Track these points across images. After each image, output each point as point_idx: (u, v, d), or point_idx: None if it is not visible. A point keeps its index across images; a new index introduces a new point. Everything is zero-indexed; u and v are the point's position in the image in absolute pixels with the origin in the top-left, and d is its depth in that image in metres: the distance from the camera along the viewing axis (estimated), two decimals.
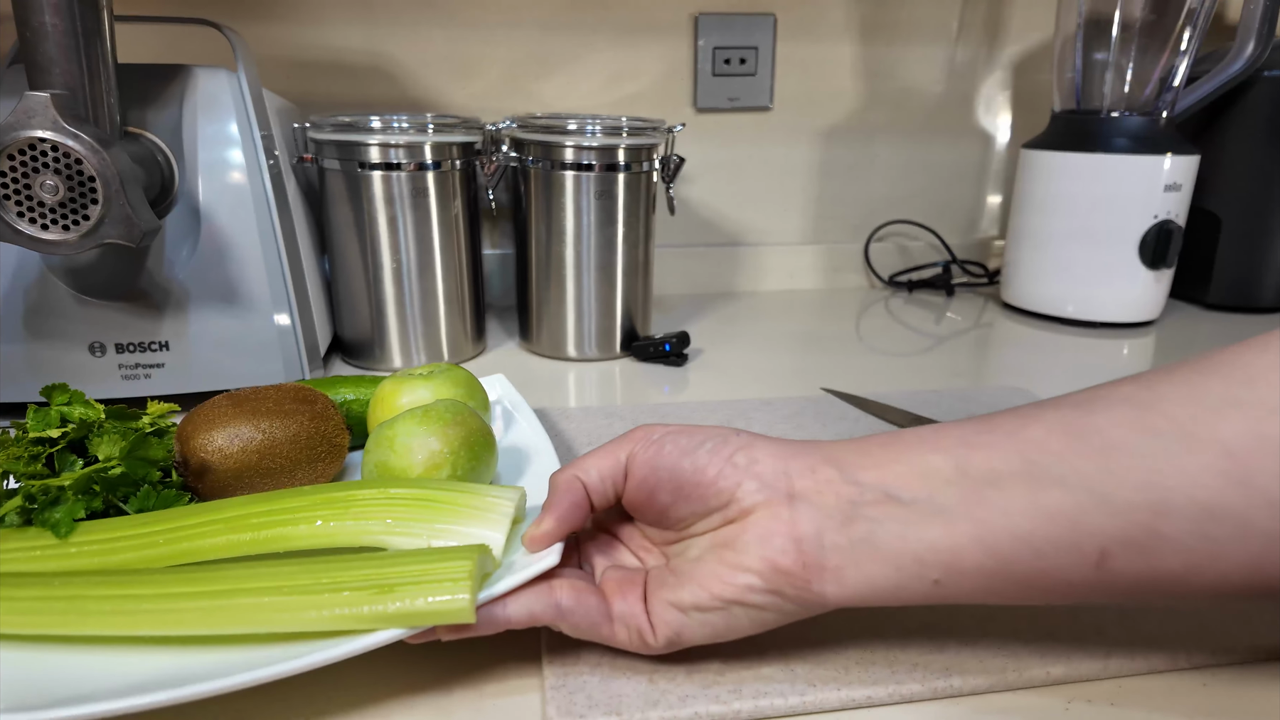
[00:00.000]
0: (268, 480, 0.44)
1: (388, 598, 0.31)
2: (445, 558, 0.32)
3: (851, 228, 1.13)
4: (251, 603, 0.31)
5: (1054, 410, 0.31)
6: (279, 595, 0.31)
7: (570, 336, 0.80)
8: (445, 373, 0.49)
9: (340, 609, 0.31)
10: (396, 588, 0.31)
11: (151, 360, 0.60)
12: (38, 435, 0.41)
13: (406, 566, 0.32)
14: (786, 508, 0.32)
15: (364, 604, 0.31)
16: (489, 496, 0.37)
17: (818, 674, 0.35)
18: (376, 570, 0.32)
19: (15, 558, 0.37)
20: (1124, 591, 0.30)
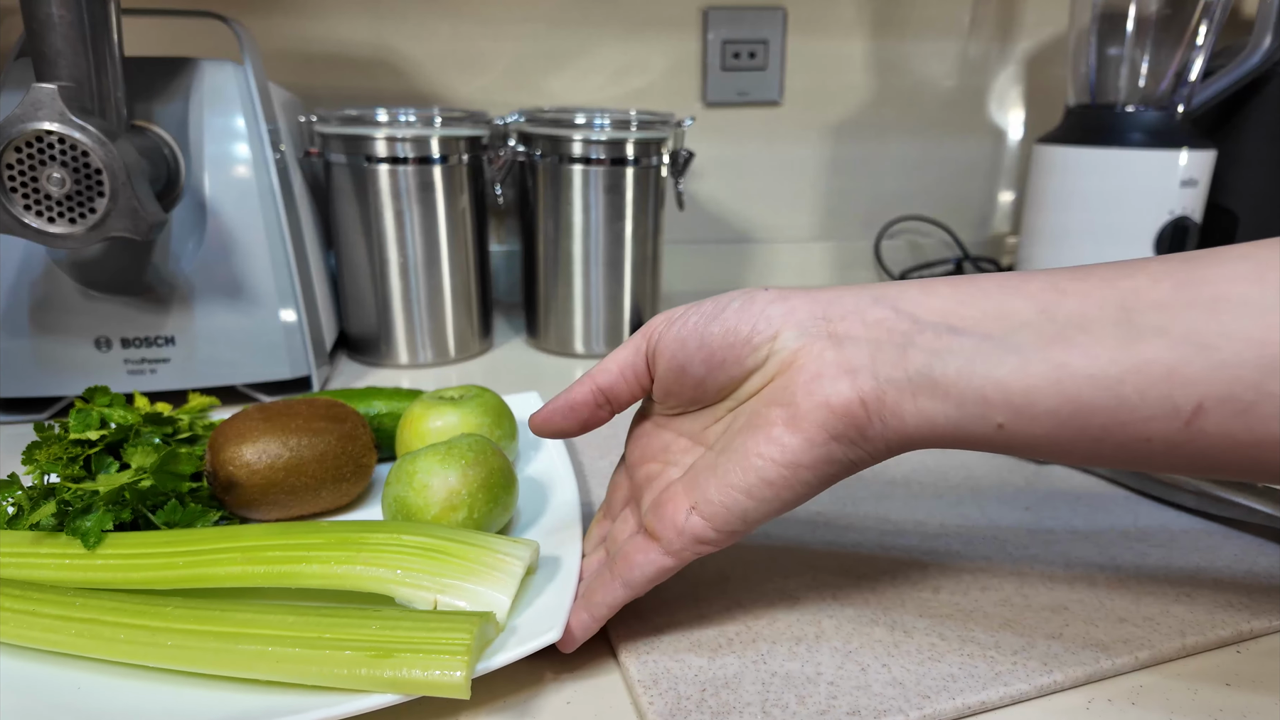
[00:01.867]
0: (292, 498, 0.44)
1: (385, 663, 0.30)
2: (447, 627, 0.32)
3: (862, 224, 1.12)
4: (257, 650, 0.31)
5: (1159, 262, 0.28)
6: (284, 646, 0.31)
7: (578, 333, 0.80)
8: (476, 398, 0.49)
9: (339, 668, 0.31)
10: (395, 653, 0.31)
11: (157, 355, 0.60)
12: (78, 436, 0.41)
13: (408, 631, 0.31)
14: (832, 347, 0.29)
15: (361, 666, 0.30)
16: (500, 553, 0.36)
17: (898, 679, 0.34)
18: (379, 631, 0.32)
19: (45, 564, 0.37)
20: (1206, 457, 0.27)
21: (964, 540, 0.46)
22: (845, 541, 0.45)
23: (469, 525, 0.41)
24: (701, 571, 0.42)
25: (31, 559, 0.38)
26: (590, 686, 0.35)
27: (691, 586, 0.41)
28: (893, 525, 0.47)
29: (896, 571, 0.42)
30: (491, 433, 0.49)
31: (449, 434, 0.48)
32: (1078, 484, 0.52)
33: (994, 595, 0.40)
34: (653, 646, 0.36)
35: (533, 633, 0.34)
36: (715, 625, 0.38)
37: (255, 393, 0.64)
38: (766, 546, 0.44)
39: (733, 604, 0.39)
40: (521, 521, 0.45)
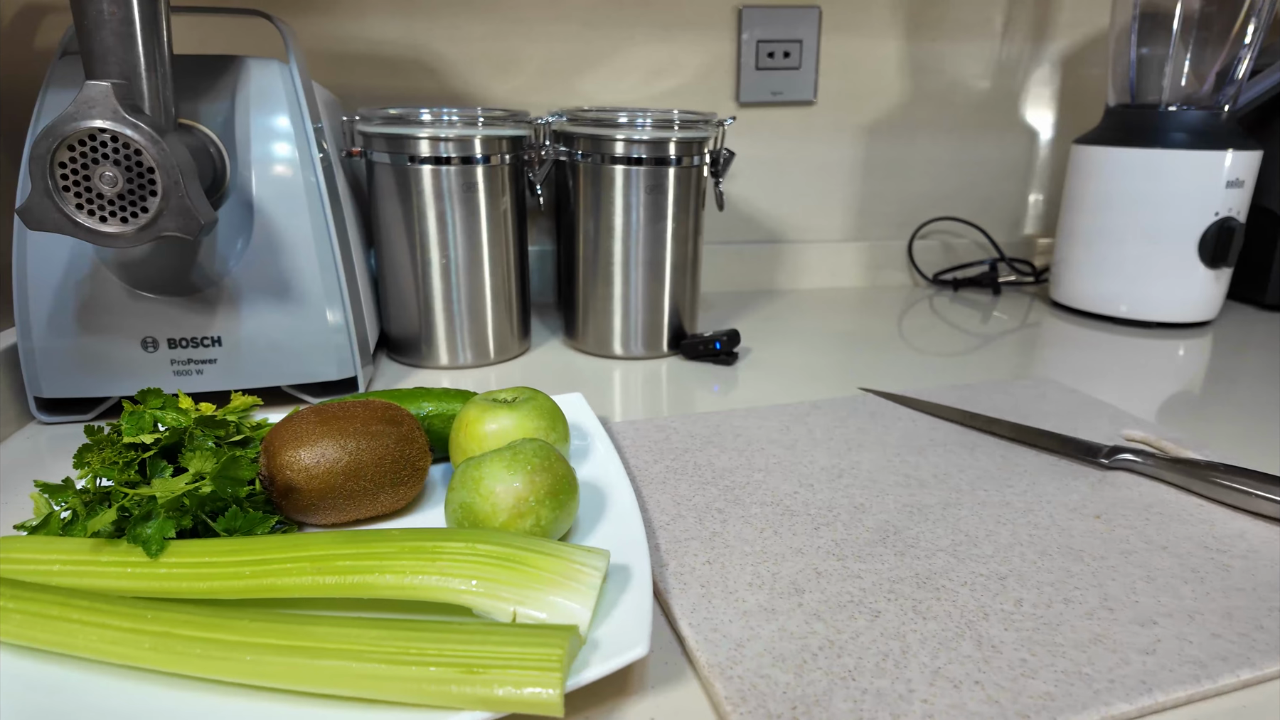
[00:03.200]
0: (350, 502, 0.43)
1: (475, 679, 0.29)
2: (537, 641, 0.31)
3: (895, 225, 1.11)
4: (338, 665, 0.30)
5: None
6: (367, 661, 0.30)
7: (617, 334, 0.79)
8: (530, 401, 0.48)
9: (427, 684, 0.30)
10: (486, 669, 0.30)
11: (204, 356, 0.59)
12: (132, 440, 0.41)
13: (497, 646, 0.30)
14: None
15: (450, 683, 0.30)
16: (576, 563, 0.35)
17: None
18: (465, 646, 0.31)
19: (109, 573, 0.36)
20: None
21: (1038, 550, 0.44)
22: (918, 550, 0.44)
23: (536, 533, 0.40)
24: (775, 582, 0.41)
25: (93, 567, 0.37)
26: (674, 703, 0.34)
27: (768, 598, 0.39)
28: (964, 534, 0.46)
29: (974, 583, 0.41)
30: (547, 436, 0.48)
31: (505, 437, 0.47)
32: (1145, 491, 0.51)
33: (1078, 608, 0.39)
34: (736, 661, 0.35)
35: (617, 647, 0.33)
36: (797, 639, 0.37)
37: (300, 393, 0.64)
38: (836, 554, 0.43)
39: (811, 616, 0.38)
40: (582, 528, 0.44)
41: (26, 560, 0.37)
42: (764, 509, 0.48)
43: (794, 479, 0.52)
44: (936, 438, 0.59)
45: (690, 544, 0.44)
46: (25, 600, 0.34)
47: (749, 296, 1.05)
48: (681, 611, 0.38)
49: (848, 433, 0.59)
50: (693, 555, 0.43)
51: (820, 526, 0.46)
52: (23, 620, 0.33)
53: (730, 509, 0.48)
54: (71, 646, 0.32)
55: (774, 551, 0.43)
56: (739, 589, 0.40)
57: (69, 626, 0.33)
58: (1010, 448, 0.57)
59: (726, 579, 0.41)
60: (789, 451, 0.56)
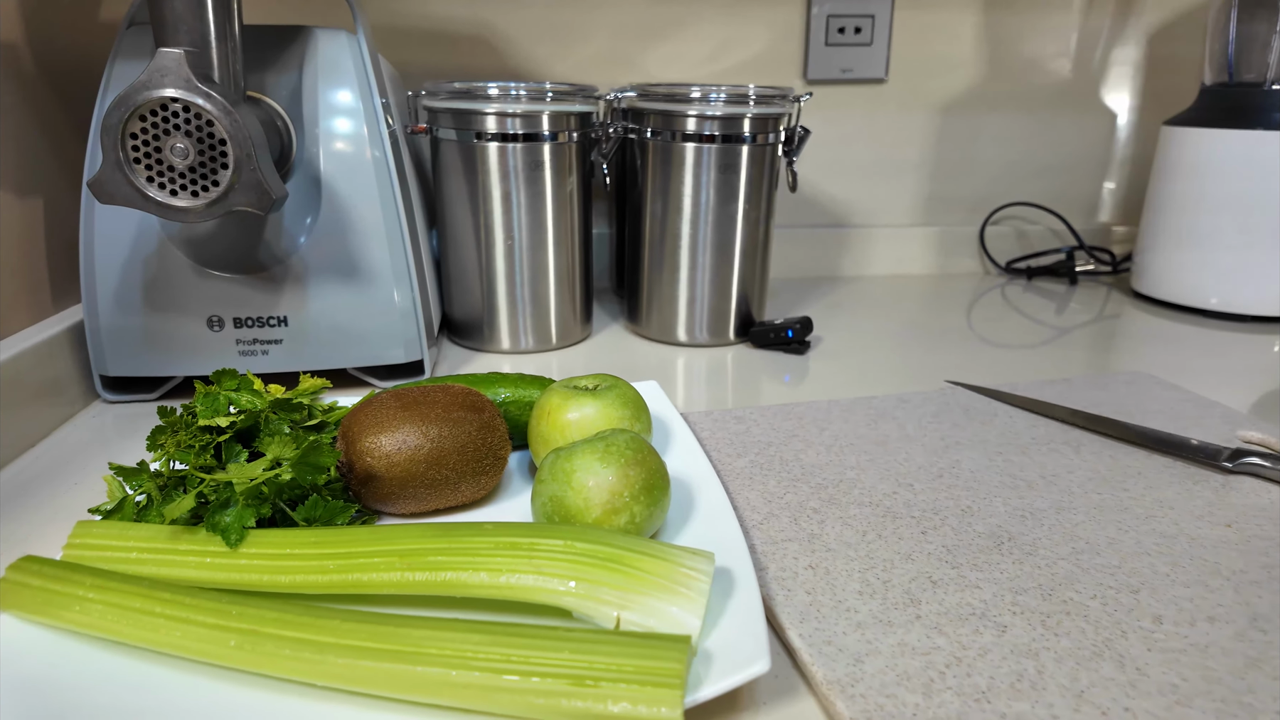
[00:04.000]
0: (431, 492, 0.41)
1: (587, 694, 0.27)
2: (654, 653, 0.28)
3: (966, 210, 1.06)
4: (438, 674, 0.28)
5: None
6: (469, 670, 0.28)
7: (681, 320, 0.76)
8: (613, 389, 0.46)
9: (534, 697, 0.27)
10: (599, 682, 0.27)
11: (269, 336, 0.58)
12: (207, 423, 0.39)
13: (610, 657, 0.28)
14: None
15: (560, 696, 0.27)
16: (683, 566, 0.33)
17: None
18: (576, 656, 0.28)
19: (188, 562, 0.35)
20: None
21: (1169, 560, 0.41)
22: (1037, 559, 0.41)
23: (630, 530, 0.38)
24: (887, 591, 0.38)
25: (171, 556, 0.35)
26: None
27: (881, 608, 0.36)
28: (1084, 541, 0.42)
29: (1104, 595, 0.38)
30: (631, 426, 0.45)
31: (588, 427, 0.44)
32: (1276, 498, 0.47)
33: (1227, 628, 0.36)
34: (856, 678, 0.32)
35: (732, 661, 0.30)
36: (920, 655, 0.34)
37: (366, 376, 0.62)
38: (950, 561, 0.40)
39: (932, 629, 0.35)
40: (671, 526, 0.42)
41: (104, 547, 0.35)
42: (863, 510, 0.45)
43: (891, 478, 0.48)
44: (1038, 436, 0.55)
45: (788, 546, 0.41)
46: (108, 591, 0.32)
47: (812, 283, 1.01)
48: (789, 620, 0.35)
49: (942, 429, 0.55)
50: (793, 559, 0.40)
51: (928, 530, 0.43)
52: (105, 612, 0.31)
53: (827, 509, 0.45)
54: (155, 642, 0.31)
55: (881, 557, 0.40)
56: (848, 597, 0.37)
57: (152, 621, 0.31)
58: (1118, 448, 0.53)
59: (833, 586, 0.38)
60: (881, 448, 0.52)
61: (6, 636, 0.32)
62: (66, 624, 0.32)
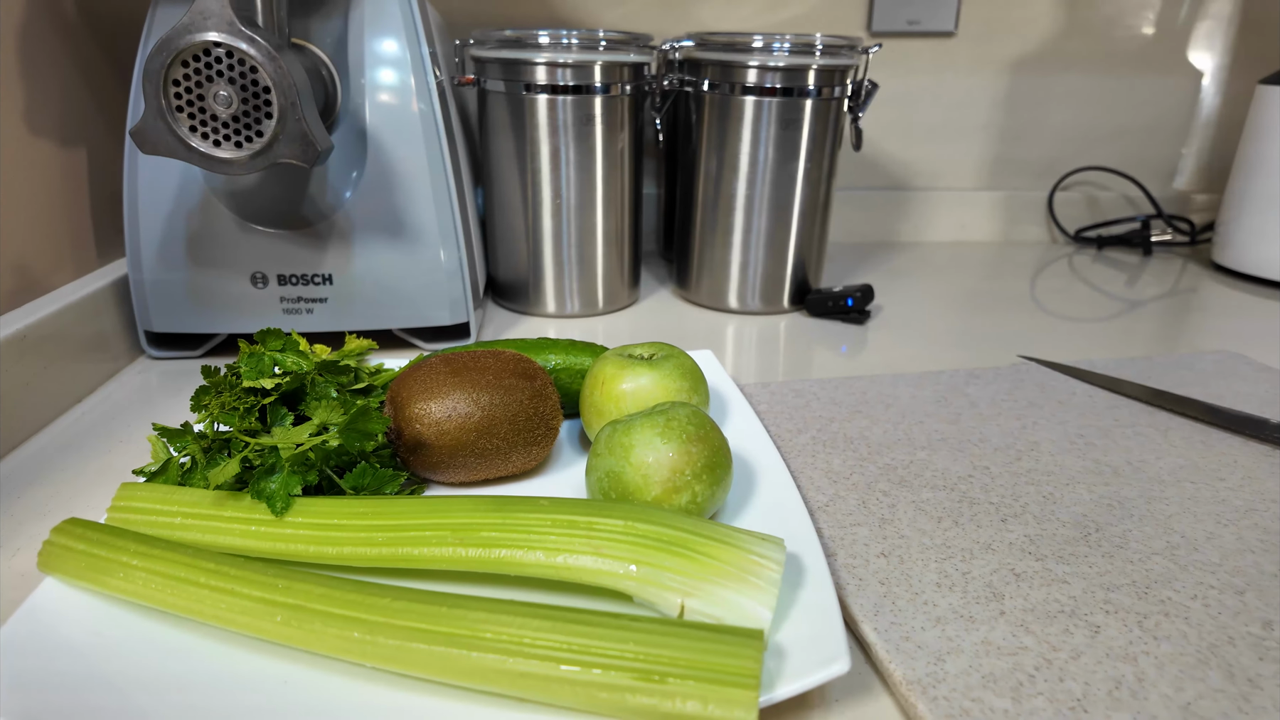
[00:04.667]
0: (481, 461, 0.40)
1: (655, 691, 0.25)
2: (728, 649, 0.26)
3: (1035, 174, 1.00)
4: (494, 660, 0.26)
5: None
6: (528, 658, 0.26)
7: (733, 286, 0.73)
8: (669, 359, 0.43)
9: (598, 691, 0.25)
10: (666, 677, 0.25)
11: (314, 294, 0.56)
12: (251, 384, 0.37)
13: (679, 651, 0.26)
14: None
15: (626, 691, 0.25)
16: (753, 553, 0.30)
17: None
18: (643, 647, 0.26)
19: (233, 530, 0.33)
20: None
21: (1276, 559, 0.37)
22: (1128, 553, 0.37)
23: (691, 510, 0.35)
24: (967, 584, 0.35)
25: (216, 523, 0.34)
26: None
27: (962, 602, 0.34)
28: (1179, 535, 0.39)
29: (1205, 596, 0.35)
30: (689, 399, 0.43)
31: (644, 398, 0.42)
32: None
33: None
34: (938, 679, 0.30)
35: (808, 659, 0.28)
36: (1007, 655, 0.31)
37: (411, 338, 0.60)
38: (1034, 553, 0.37)
39: (1018, 627, 0.33)
40: (731, 507, 0.39)
41: (148, 510, 0.34)
42: (937, 494, 0.42)
43: (965, 460, 0.45)
44: (1121, 418, 0.51)
45: (857, 531, 0.39)
46: (152, 559, 0.31)
47: (869, 249, 0.97)
48: (862, 613, 0.33)
49: (1017, 407, 0.52)
50: (863, 545, 0.38)
51: (1008, 518, 0.40)
52: (149, 580, 0.30)
53: (897, 491, 0.42)
54: (198, 613, 0.29)
55: (959, 546, 0.38)
56: (925, 589, 0.35)
57: (196, 591, 0.30)
58: (1210, 433, 0.49)
59: (909, 576, 0.35)
60: (953, 427, 0.49)
61: (51, 601, 0.31)
62: (110, 590, 0.31)
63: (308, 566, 0.34)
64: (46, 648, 0.29)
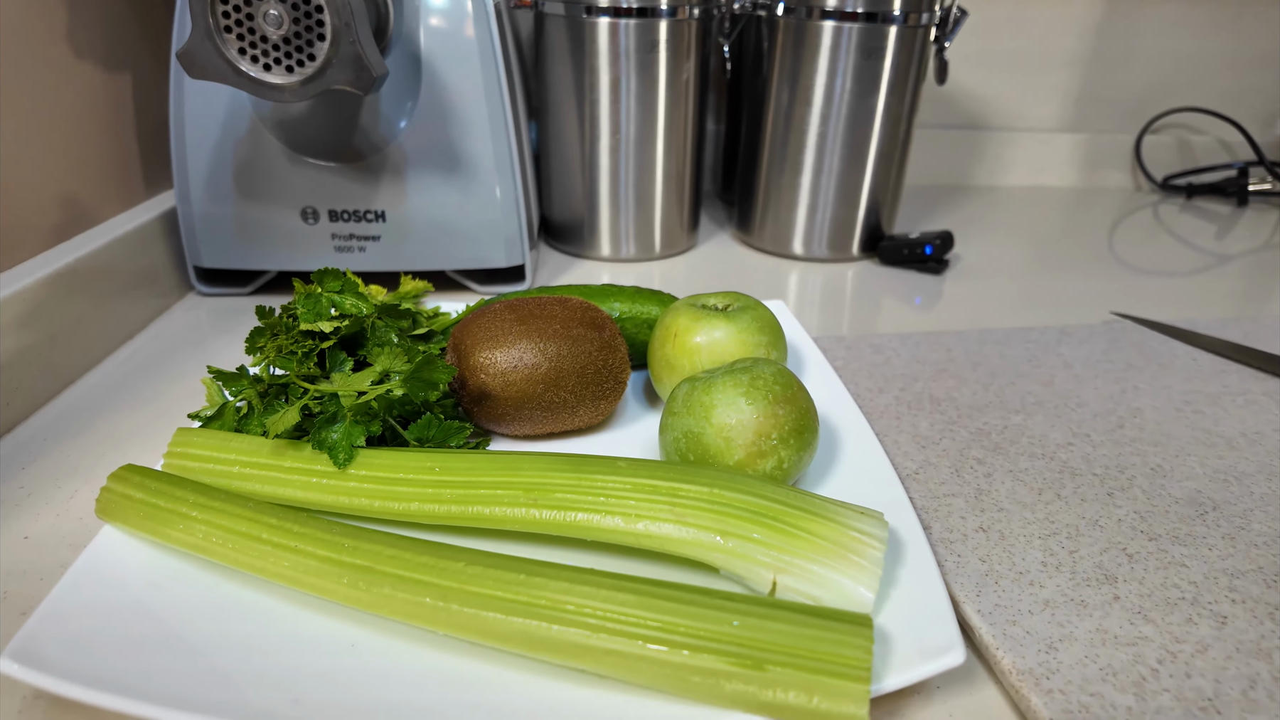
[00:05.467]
0: (547, 415, 0.37)
1: (754, 678, 0.23)
2: (834, 636, 0.24)
3: (1122, 115, 0.93)
4: (576, 635, 0.24)
5: None
6: (615, 636, 0.24)
7: (799, 231, 0.69)
8: (747, 311, 0.40)
9: (692, 676, 0.23)
10: (766, 665, 0.23)
11: (366, 232, 0.54)
12: (309, 327, 0.35)
13: (780, 635, 0.24)
14: None
15: (723, 678, 0.23)
16: (852, 529, 0.27)
17: None
18: (741, 630, 0.24)
19: (293, 481, 0.32)
20: None
21: None
22: (1251, 534, 0.34)
23: (776, 478, 0.33)
24: (1075, 564, 0.32)
25: (276, 473, 0.32)
26: (970, 712, 0.27)
27: (1071, 584, 0.31)
28: None
29: None
30: (768, 354, 0.40)
31: (719, 353, 0.39)
32: None
33: None
34: (1051, 669, 0.27)
35: (916, 647, 0.26)
36: (1125, 646, 0.28)
37: (465, 279, 0.58)
38: (1146, 531, 0.34)
39: (1135, 615, 0.30)
40: (813, 473, 0.37)
41: (205, 459, 0.33)
42: (1036, 463, 0.39)
43: (1063, 426, 0.42)
44: (1230, 384, 0.47)
45: (953, 502, 0.36)
46: (212, 511, 0.29)
47: (939, 193, 0.91)
48: (964, 593, 0.31)
49: (1115, 370, 0.48)
50: (959, 518, 0.35)
51: (1114, 492, 0.37)
52: (209, 533, 0.29)
53: (992, 459, 0.39)
54: (261, 570, 0.28)
55: (1063, 521, 0.35)
56: (1030, 568, 0.32)
57: (259, 547, 0.28)
58: None
59: (1011, 554, 0.33)
60: (1047, 389, 0.46)
61: (110, 551, 0.30)
62: (170, 542, 0.29)
63: (372, 522, 0.32)
64: (106, 601, 0.28)
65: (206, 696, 0.24)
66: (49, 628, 0.26)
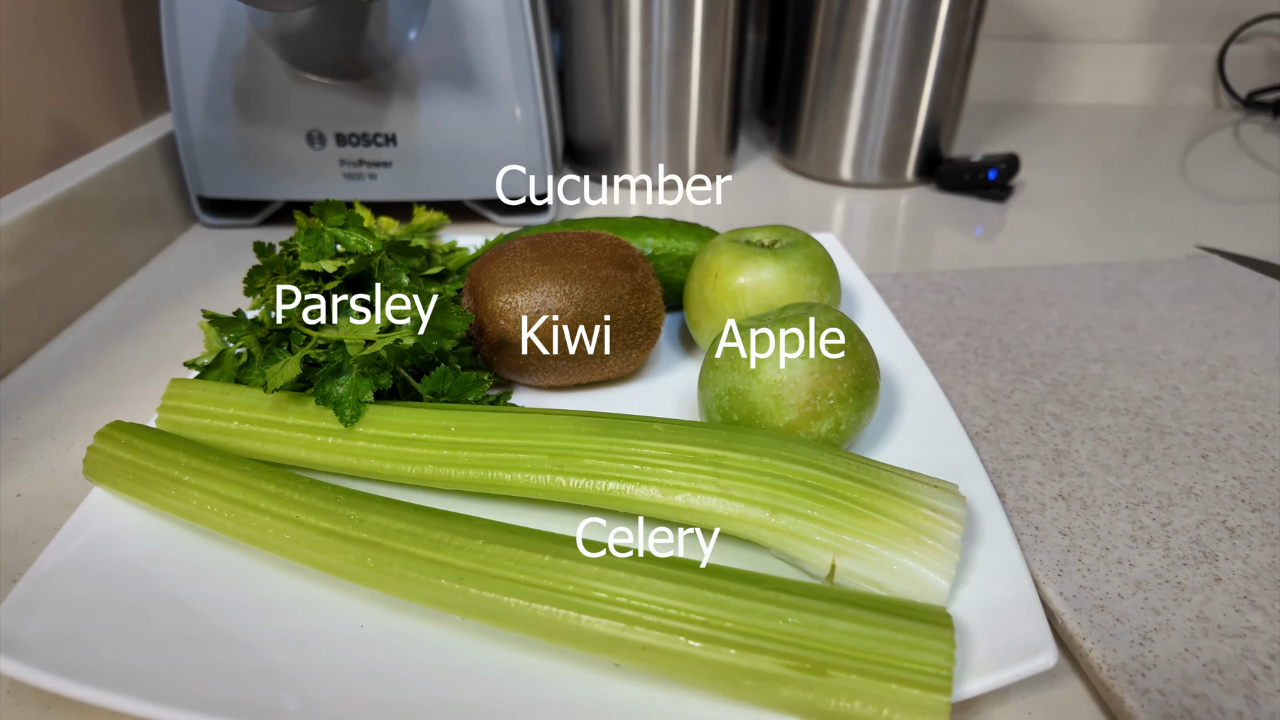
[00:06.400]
0: (574, 365, 0.34)
1: (814, 685, 0.20)
2: (909, 638, 0.20)
3: (1204, 22, 0.84)
4: (610, 628, 0.21)
5: None
6: (649, 629, 0.21)
7: (848, 153, 0.63)
8: (797, 248, 0.35)
9: (743, 679, 0.20)
10: (828, 669, 0.20)
11: (376, 157, 0.50)
12: (310, 267, 0.32)
13: (846, 636, 0.20)
14: None
15: (779, 683, 0.20)
16: (925, 506, 0.24)
17: None
18: (800, 627, 0.21)
19: (296, 439, 0.29)
20: None
21: None
22: None
23: (831, 441, 0.29)
24: (1169, 539, 0.29)
25: (277, 430, 0.29)
26: (1051, 711, 0.24)
27: (1164, 562, 0.28)
28: None
29: None
30: (821, 298, 0.36)
31: (767, 297, 0.35)
32: None
33: None
34: (1148, 665, 0.24)
35: (1001, 644, 0.22)
36: (1232, 637, 0.25)
37: (484, 210, 0.53)
38: (1248, 501, 0.30)
39: (1241, 600, 0.26)
40: (871, 433, 0.33)
41: (201, 412, 0.30)
42: (1119, 419, 0.35)
43: (1149, 378, 0.38)
44: None
45: (1028, 465, 0.32)
46: (205, 475, 0.26)
47: (1001, 112, 0.84)
48: (1044, 572, 0.27)
49: (1204, 312, 0.43)
50: (1035, 484, 0.31)
51: (1209, 454, 0.33)
52: (203, 500, 0.26)
53: (1070, 415, 0.35)
54: (258, 541, 0.25)
55: (1153, 488, 0.31)
56: (1118, 544, 0.28)
57: (257, 518, 0.25)
58: None
59: (1095, 526, 0.29)
60: (1129, 334, 0.41)
61: (102, 516, 0.27)
62: (160, 508, 0.27)
63: (382, 484, 0.29)
64: (94, 574, 0.25)
65: (201, 692, 0.22)
66: (27, 613, 0.23)
